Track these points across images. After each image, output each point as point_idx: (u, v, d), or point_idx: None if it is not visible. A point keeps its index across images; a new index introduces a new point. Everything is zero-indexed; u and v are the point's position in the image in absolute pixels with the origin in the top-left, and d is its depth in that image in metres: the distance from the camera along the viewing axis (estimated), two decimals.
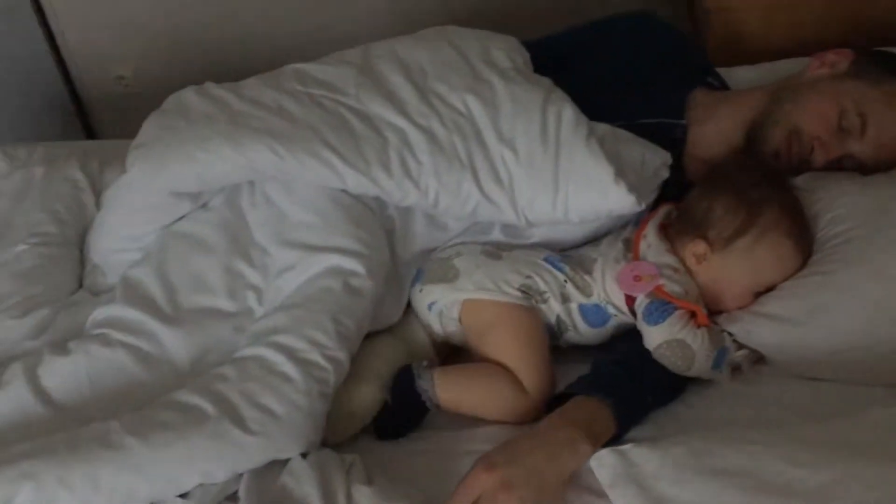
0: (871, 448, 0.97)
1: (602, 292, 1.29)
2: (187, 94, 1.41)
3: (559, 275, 1.30)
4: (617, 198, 1.29)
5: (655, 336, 1.22)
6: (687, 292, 1.25)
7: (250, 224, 1.36)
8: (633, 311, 1.27)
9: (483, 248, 1.35)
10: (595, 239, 1.38)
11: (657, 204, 1.38)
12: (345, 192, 1.33)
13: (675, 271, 1.27)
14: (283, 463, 1.14)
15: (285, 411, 1.14)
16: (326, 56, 1.49)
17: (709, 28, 1.95)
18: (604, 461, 1.06)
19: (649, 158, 1.37)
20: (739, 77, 1.70)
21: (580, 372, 1.24)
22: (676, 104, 1.53)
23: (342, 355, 1.21)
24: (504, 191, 1.31)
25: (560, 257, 1.33)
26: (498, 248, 1.35)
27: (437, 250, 1.39)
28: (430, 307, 1.32)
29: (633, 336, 1.26)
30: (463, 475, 1.10)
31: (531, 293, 1.29)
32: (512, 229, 1.38)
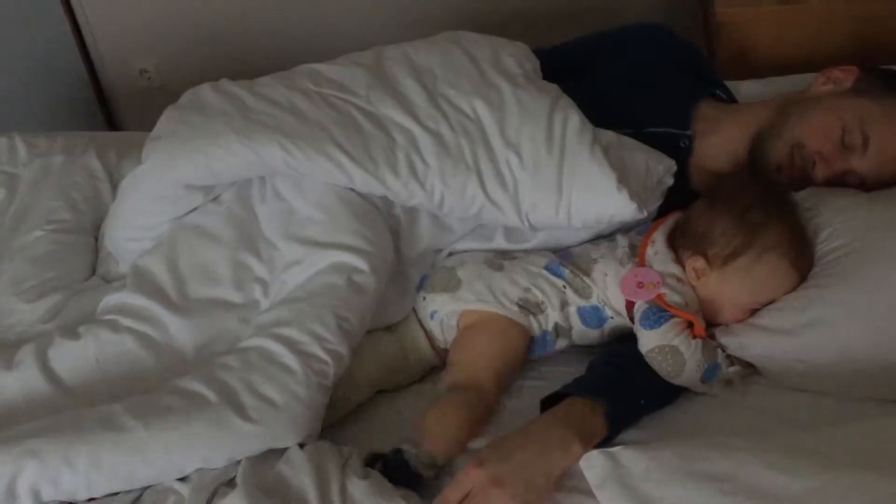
0: (854, 458, 0.98)
1: (601, 294, 1.30)
2: (203, 90, 1.43)
3: (558, 281, 1.31)
4: (619, 204, 1.31)
5: (650, 340, 1.23)
6: (687, 303, 1.26)
7: (259, 218, 1.38)
8: (632, 315, 1.28)
9: (486, 258, 1.36)
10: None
11: (662, 211, 1.39)
12: (352, 191, 1.35)
13: (678, 281, 1.27)
14: (281, 452, 1.15)
15: (285, 401, 1.16)
16: (341, 57, 1.51)
17: (719, 42, 1.96)
18: (593, 462, 1.08)
19: (654, 166, 1.38)
20: (747, 91, 1.71)
21: (576, 374, 1.25)
22: (683, 115, 1.53)
23: (343, 349, 1.22)
24: (508, 194, 1.33)
25: (560, 261, 1.34)
26: (501, 258, 1.36)
27: (442, 257, 1.40)
28: (433, 315, 1.34)
29: (628, 339, 1.28)
30: (455, 471, 1.12)
31: (528, 306, 1.30)
32: (514, 232, 1.39)
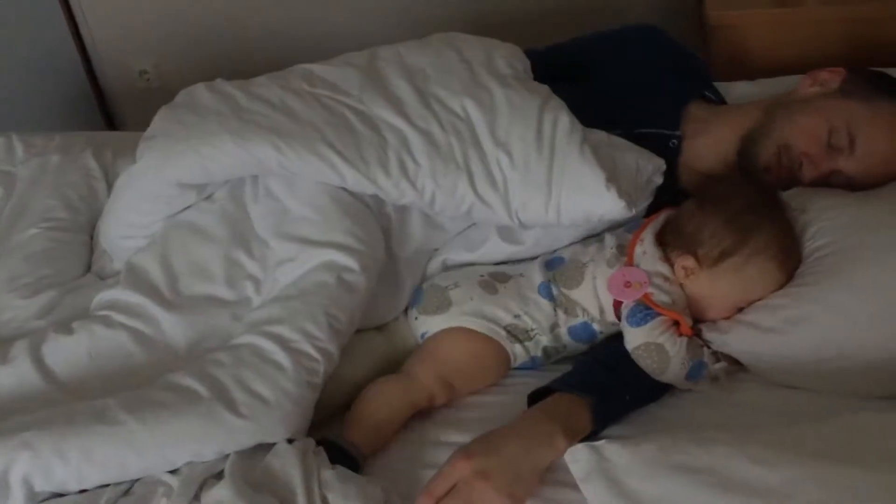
0: (833, 451, 0.99)
1: (590, 311, 1.30)
2: (197, 90, 1.45)
3: (548, 305, 1.31)
4: (608, 203, 1.32)
5: (635, 337, 1.24)
6: (674, 302, 1.27)
7: (252, 217, 1.39)
8: (619, 313, 1.29)
9: (479, 279, 1.35)
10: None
11: (651, 210, 1.40)
12: (344, 190, 1.36)
13: (665, 280, 1.28)
14: (269, 446, 1.16)
15: (275, 398, 1.17)
16: (335, 57, 1.53)
17: (713, 45, 1.97)
18: (577, 456, 1.08)
19: (643, 165, 1.39)
20: (738, 92, 1.72)
21: (563, 370, 1.26)
22: (673, 116, 1.55)
23: (332, 348, 1.24)
24: (498, 193, 1.34)
25: (552, 271, 1.34)
26: (495, 279, 1.35)
27: (436, 267, 1.41)
28: (423, 336, 1.34)
29: (616, 337, 1.29)
30: (440, 465, 1.13)
31: (517, 332, 1.31)
32: (509, 231, 1.40)
